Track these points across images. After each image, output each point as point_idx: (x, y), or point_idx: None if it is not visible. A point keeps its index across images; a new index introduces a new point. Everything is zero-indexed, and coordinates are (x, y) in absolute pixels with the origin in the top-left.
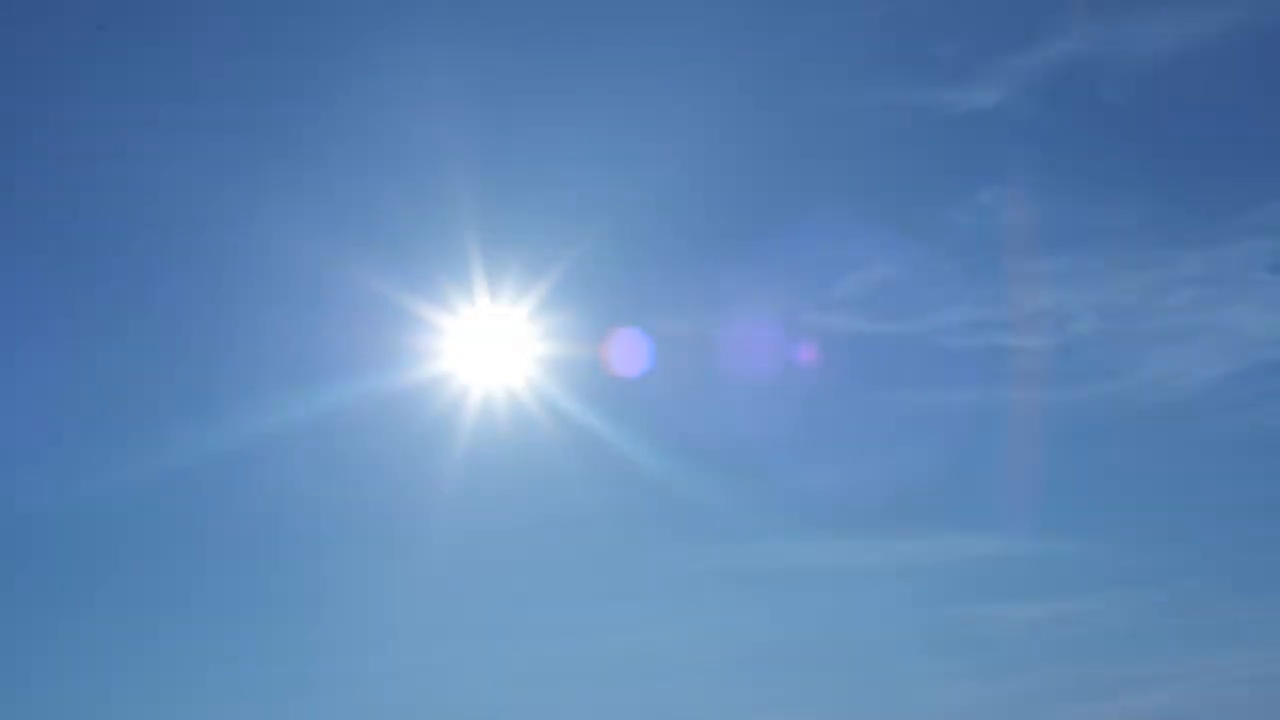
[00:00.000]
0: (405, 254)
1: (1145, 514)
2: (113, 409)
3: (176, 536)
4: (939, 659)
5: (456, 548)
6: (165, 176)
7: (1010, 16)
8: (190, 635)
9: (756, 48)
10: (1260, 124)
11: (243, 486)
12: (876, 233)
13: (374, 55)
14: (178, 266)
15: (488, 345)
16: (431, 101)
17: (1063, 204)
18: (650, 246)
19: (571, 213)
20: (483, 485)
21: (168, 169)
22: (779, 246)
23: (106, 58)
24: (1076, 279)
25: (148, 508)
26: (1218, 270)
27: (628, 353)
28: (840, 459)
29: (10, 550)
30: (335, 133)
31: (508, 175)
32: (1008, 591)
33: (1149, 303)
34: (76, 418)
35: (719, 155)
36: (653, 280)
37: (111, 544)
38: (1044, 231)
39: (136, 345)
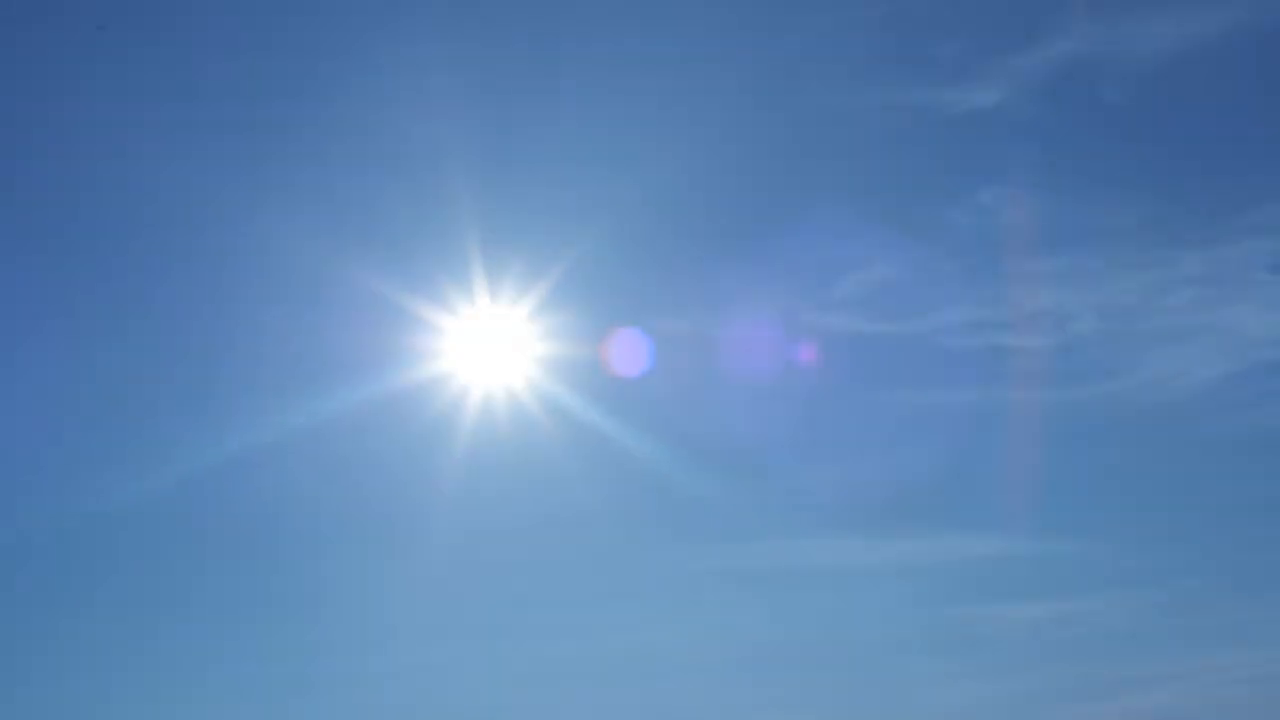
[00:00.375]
0: (405, 254)
1: (1145, 514)
2: (112, 410)
3: (177, 536)
4: (939, 659)
5: (456, 548)
6: (165, 176)
7: (1010, 16)
8: (190, 635)
9: (756, 48)
10: (1260, 124)
11: (243, 486)
12: (876, 233)
13: (374, 55)
14: (178, 267)
15: (488, 345)
16: (431, 101)
17: (1063, 204)
18: (650, 246)
19: (571, 213)
20: (483, 485)
21: (168, 169)
22: (779, 246)
23: (106, 58)
24: (1076, 279)
25: (148, 508)
26: (1218, 270)
27: (628, 353)
28: (840, 459)
29: (10, 550)
30: (335, 133)
31: (508, 175)
32: (1008, 591)
33: (1149, 303)
34: (76, 418)
35: (719, 155)
36: (653, 280)
37: (111, 544)
38: (1044, 231)
39: (136, 346)
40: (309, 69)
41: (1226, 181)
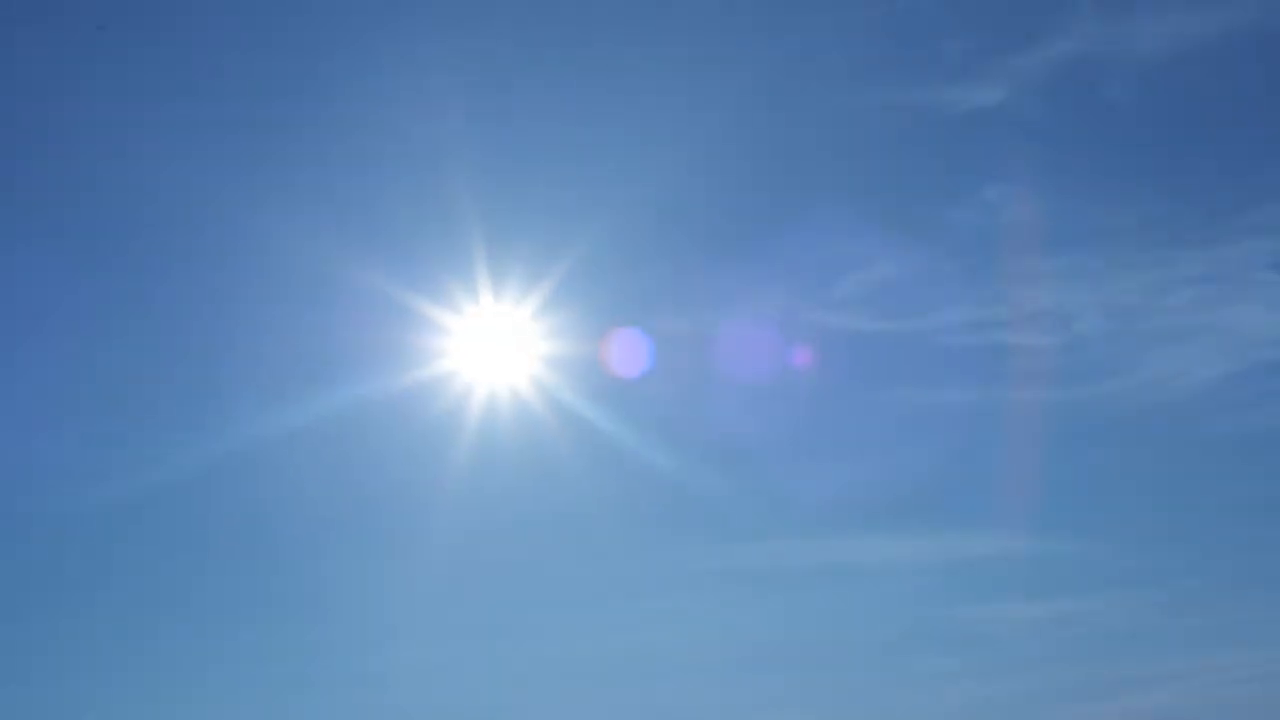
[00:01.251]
0: (409, 253)
1: (1145, 514)
2: (113, 409)
3: (178, 535)
4: (939, 659)
5: (458, 547)
6: (166, 176)
7: (1012, 16)
8: (190, 635)
9: (756, 48)
10: (1260, 124)
11: (245, 485)
12: (877, 233)
13: (375, 55)
14: (179, 266)
15: (491, 344)
16: (433, 101)
17: (1064, 203)
18: (651, 246)
19: (573, 212)
20: (484, 484)
21: (168, 168)
22: (779, 246)
23: (106, 58)
24: (1077, 278)
25: (149, 507)
26: (1218, 270)
27: (629, 352)
28: (840, 458)
29: (11, 551)
30: (337, 132)
31: (510, 175)
32: (1008, 591)
33: (1149, 302)
34: (77, 417)
35: (719, 155)
36: (653, 280)
37: (112, 544)
38: (1045, 231)
39: (137, 345)
40: (309, 68)
41: (1226, 181)
